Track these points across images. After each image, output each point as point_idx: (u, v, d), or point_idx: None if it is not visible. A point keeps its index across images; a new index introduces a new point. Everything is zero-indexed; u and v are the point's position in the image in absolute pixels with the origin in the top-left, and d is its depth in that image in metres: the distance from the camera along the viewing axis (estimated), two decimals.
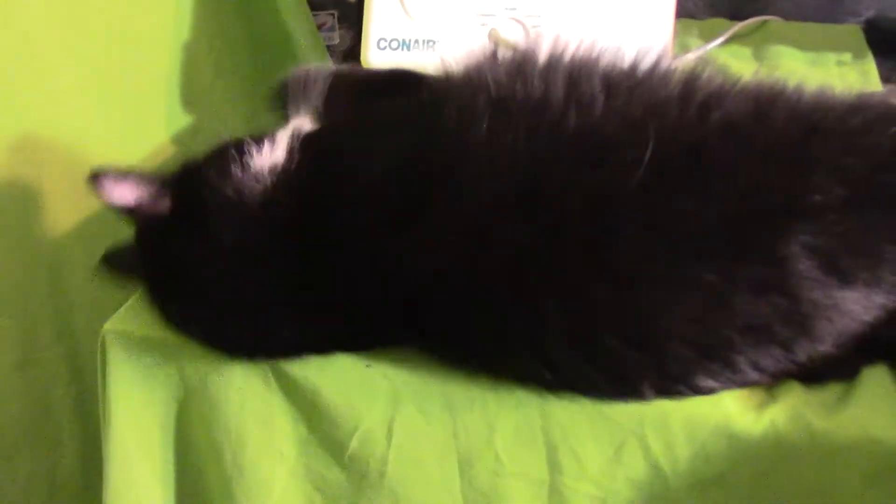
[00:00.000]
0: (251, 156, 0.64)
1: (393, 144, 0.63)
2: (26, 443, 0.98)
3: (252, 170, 0.64)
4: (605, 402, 0.59)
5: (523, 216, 0.57)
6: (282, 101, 0.76)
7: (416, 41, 0.99)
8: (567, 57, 0.64)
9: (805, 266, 0.54)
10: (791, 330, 0.55)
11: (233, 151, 0.65)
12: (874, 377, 0.58)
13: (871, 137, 0.58)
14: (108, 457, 0.70)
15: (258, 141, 0.65)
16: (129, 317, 0.69)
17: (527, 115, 0.60)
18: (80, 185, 0.98)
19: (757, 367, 0.56)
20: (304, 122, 0.70)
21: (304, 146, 0.66)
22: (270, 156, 0.65)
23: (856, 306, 0.55)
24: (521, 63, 0.64)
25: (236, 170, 0.64)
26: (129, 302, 0.71)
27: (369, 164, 0.63)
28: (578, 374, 0.58)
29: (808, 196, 0.55)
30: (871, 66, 1.04)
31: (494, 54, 0.67)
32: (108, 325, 0.68)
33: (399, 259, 0.59)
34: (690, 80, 0.62)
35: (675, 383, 0.57)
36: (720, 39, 1.11)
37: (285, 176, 0.64)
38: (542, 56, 0.64)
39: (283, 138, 0.66)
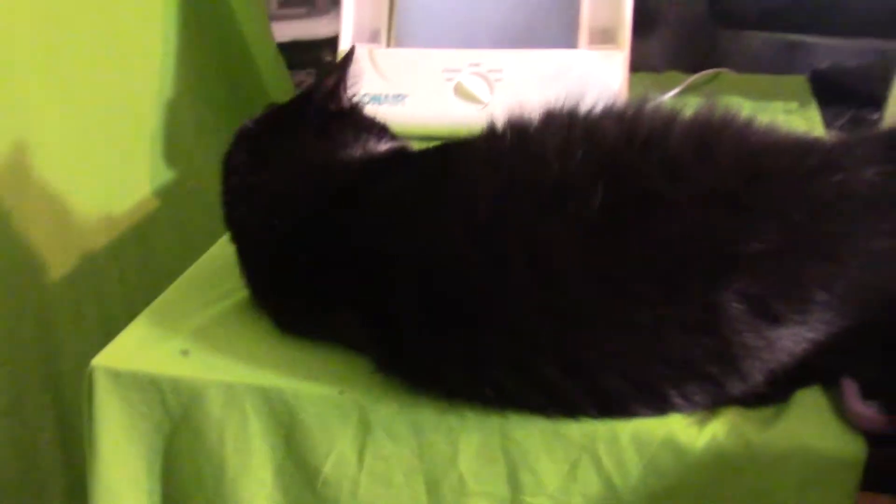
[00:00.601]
0: None
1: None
2: (13, 489, 0.99)
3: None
4: (559, 421, 0.63)
5: (482, 248, 0.61)
6: None
7: (387, 96, 1.05)
8: (529, 115, 0.68)
9: (737, 311, 0.57)
10: (721, 369, 0.59)
11: None
12: (806, 393, 0.62)
13: (813, 186, 0.61)
14: (94, 492, 0.73)
15: None
16: (116, 353, 0.73)
17: (498, 168, 0.65)
18: (66, 233, 1.03)
19: (689, 400, 0.60)
20: None
21: None
22: None
23: (786, 343, 0.58)
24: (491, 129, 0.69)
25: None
26: (116, 338, 0.75)
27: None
28: (524, 398, 0.62)
29: (745, 242, 0.58)
30: (815, 113, 1.11)
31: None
32: (95, 361, 0.72)
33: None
34: (635, 117, 0.65)
35: (612, 411, 0.62)
36: (675, 91, 1.18)
37: None
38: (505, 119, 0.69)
39: None
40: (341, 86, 0.79)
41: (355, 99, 0.81)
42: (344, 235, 0.68)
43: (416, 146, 0.80)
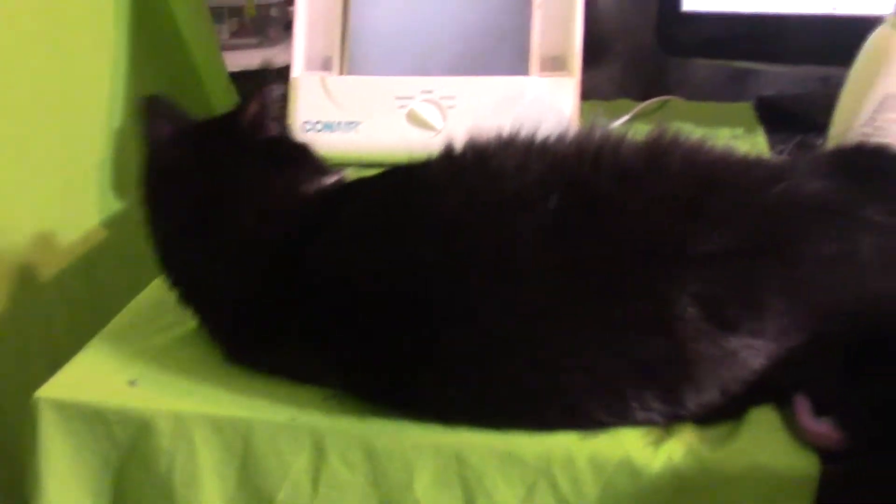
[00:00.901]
0: None
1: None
2: None
3: None
4: (515, 444, 0.62)
5: (449, 260, 0.63)
6: None
7: (339, 123, 1.05)
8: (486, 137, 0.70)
9: (690, 314, 0.58)
10: (674, 374, 0.60)
11: None
12: (760, 411, 0.63)
13: (760, 193, 0.63)
14: None
15: None
16: (61, 384, 0.71)
17: (459, 185, 0.67)
18: (9, 265, 1.00)
19: (645, 406, 0.61)
20: None
21: None
22: None
23: (741, 354, 0.59)
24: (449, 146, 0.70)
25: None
26: (62, 370, 0.73)
27: None
28: (486, 396, 0.62)
29: (695, 244, 0.59)
30: (761, 139, 1.13)
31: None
32: (39, 393, 0.70)
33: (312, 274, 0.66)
34: (588, 138, 0.67)
35: (573, 413, 0.62)
36: (625, 118, 1.20)
37: None
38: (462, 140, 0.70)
39: None
40: (265, 113, 0.74)
41: (283, 129, 0.78)
42: (310, 269, 0.67)
43: (367, 174, 0.79)
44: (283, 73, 1.46)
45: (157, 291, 0.84)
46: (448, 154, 0.69)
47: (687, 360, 0.59)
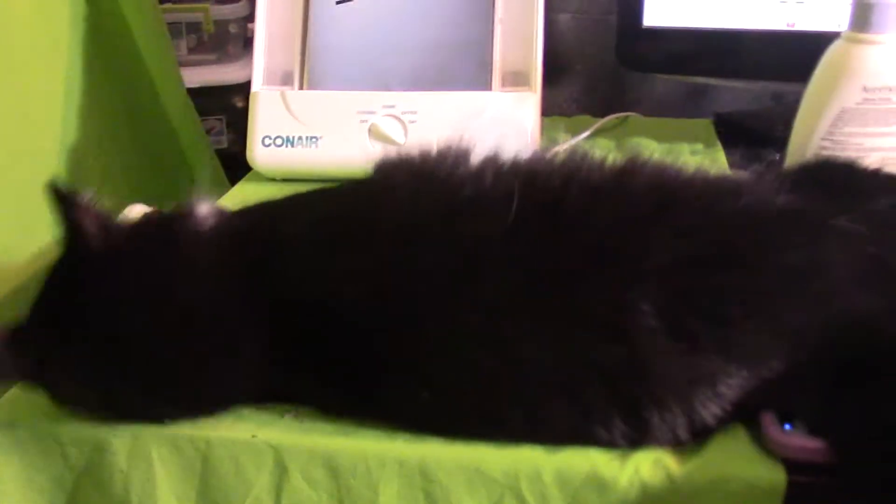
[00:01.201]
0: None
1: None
2: None
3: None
4: (482, 458, 0.62)
5: (419, 253, 0.63)
6: None
7: (300, 138, 1.04)
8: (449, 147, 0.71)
9: (648, 322, 0.58)
10: (636, 387, 0.59)
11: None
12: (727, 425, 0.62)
13: (721, 205, 0.64)
14: None
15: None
16: (11, 405, 0.69)
17: (432, 186, 0.68)
18: None
19: (605, 423, 0.60)
20: None
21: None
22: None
23: (706, 373, 0.59)
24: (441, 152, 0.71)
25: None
26: (11, 391, 0.70)
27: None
28: (452, 391, 0.62)
29: (655, 255, 0.59)
30: (720, 153, 1.15)
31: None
32: None
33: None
34: (563, 161, 0.69)
35: (535, 416, 0.61)
36: (586, 133, 1.20)
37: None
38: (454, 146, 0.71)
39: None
40: (91, 223, 0.67)
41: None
42: (260, 291, 0.66)
43: None
44: (242, 90, 1.45)
45: None
46: (405, 161, 0.70)
47: (648, 374, 0.59)
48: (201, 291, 0.67)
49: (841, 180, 0.73)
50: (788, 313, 0.60)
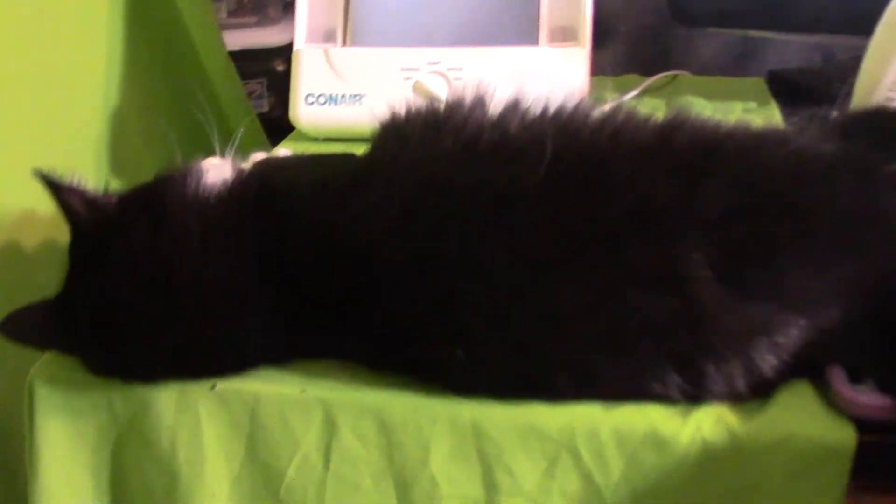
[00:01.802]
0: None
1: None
2: None
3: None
4: (536, 416, 0.60)
5: (441, 203, 0.61)
6: None
7: (343, 96, 1.02)
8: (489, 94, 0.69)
9: (700, 272, 0.56)
10: (690, 340, 0.57)
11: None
12: (792, 382, 0.60)
13: (769, 154, 0.61)
14: None
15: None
16: (58, 358, 0.68)
17: (451, 131, 0.66)
18: (5, 254, 0.97)
19: (659, 377, 0.58)
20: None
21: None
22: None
23: (764, 323, 0.57)
24: (450, 100, 0.70)
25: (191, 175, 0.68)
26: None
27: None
28: (492, 352, 0.60)
29: (705, 205, 0.57)
30: (775, 112, 1.10)
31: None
32: (34, 370, 0.67)
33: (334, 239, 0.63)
34: (605, 116, 0.66)
35: (583, 375, 0.59)
36: (634, 92, 1.17)
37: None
38: (469, 95, 0.70)
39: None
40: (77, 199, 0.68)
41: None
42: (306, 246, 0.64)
43: None
44: (282, 53, 1.44)
45: None
46: (416, 114, 0.69)
47: (701, 323, 0.57)
48: (215, 252, 0.65)
49: (893, 128, 0.70)
50: (843, 262, 0.57)
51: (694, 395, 0.59)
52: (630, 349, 0.58)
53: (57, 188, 0.68)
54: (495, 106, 0.68)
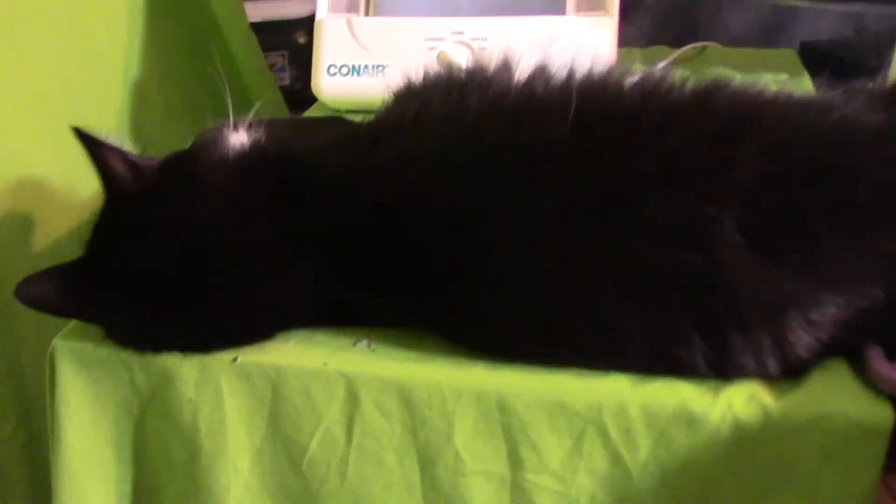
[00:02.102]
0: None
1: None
2: None
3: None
4: (563, 391, 0.59)
5: (469, 156, 0.61)
6: None
7: (366, 66, 1.01)
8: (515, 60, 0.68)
9: (731, 237, 0.54)
10: (716, 304, 0.55)
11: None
12: (827, 360, 0.58)
13: (811, 122, 0.59)
14: (59, 484, 0.68)
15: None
16: (80, 331, 0.67)
17: (475, 91, 0.65)
18: (27, 222, 0.97)
19: (685, 342, 0.56)
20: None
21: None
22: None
23: (796, 297, 0.55)
24: (474, 65, 0.69)
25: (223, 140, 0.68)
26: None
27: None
28: (519, 305, 0.59)
29: (738, 168, 0.56)
30: (807, 83, 1.08)
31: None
32: (57, 340, 0.67)
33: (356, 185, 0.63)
34: (638, 78, 0.64)
35: (608, 331, 0.58)
36: (663, 63, 1.14)
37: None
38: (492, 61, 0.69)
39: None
40: (119, 164, 0.67)
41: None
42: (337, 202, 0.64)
43: None
44: (304, 25, 1.43)
45: None
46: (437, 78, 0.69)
47: (729, 290, 0.55)
48: (241, 217, 0.65)
49: None
50: (884, 235, 0.55)
51: (721, 367, 0.57)
52: (654, 307, 0.56)
53: (97, 145, 0.66)
54: (522, 71, 0.67)
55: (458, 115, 0.64)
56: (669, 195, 0.56)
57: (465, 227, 0.59)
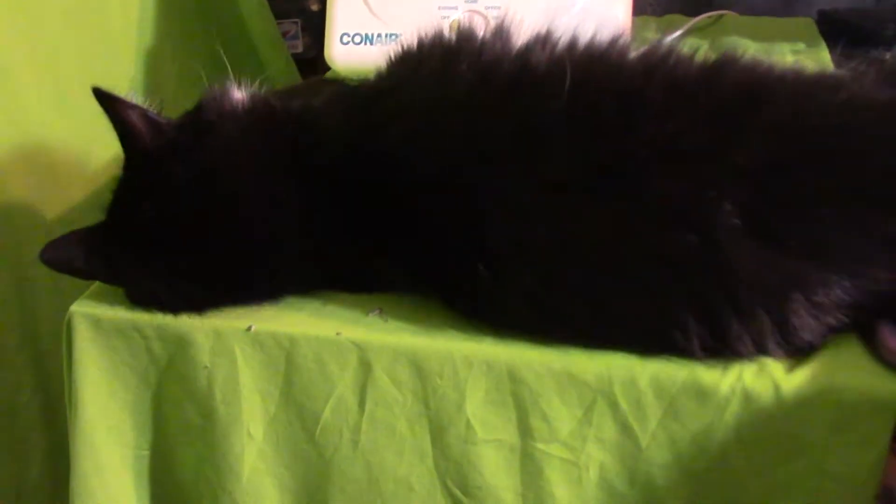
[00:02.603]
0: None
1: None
2: None
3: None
4: (573, 362, 0.59)
5: (460, 122, 0.61)
6: None
7: (379, 35, 1.00)
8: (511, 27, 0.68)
9: (730, 220, 0.54)
10: (712, 288, 0.55)
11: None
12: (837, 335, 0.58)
13: (817, 102, 0.58)
14: (77, 450, 0.69)
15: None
16: (96, 298, 0.68)
17: (474, 56, 0.65)
18: (43, 189, 0.98)
19: (681, 325, 0.56)
20: None
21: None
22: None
23: (797, 280, 0.54)
24: (469, 31, 0.69)
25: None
26: (96, 283, 0.70)
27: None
28: (513, 273, 0.58)
29: (741, 149, 0.55)
30: (824, 53, 1.06)
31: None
32: (74, 307, 0.67)
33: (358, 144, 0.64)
34: (643, 51, 0.64)
35: (602, 308, 0.58)
36: (679, 32, 1.13)
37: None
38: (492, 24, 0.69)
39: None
40: (139, 121, 0.67)
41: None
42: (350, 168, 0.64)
43: None
44: None
45: None
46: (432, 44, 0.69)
47: (727, 273, 0.54)
48: (254, 168, 0.66)
49: None
50: (891, 219, 0.55)
51: (717, 351, 0.57)
52: (648, 287, 0.56)
53: (115, 101, 0.66)
54: (518, 39, 0.67)
55: (449, 80, 0.64)
56: (669, 175, 0.56)
57: (457, 190, 0.59)
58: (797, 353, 0.57)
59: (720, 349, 0.57)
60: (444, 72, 0.65)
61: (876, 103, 0.59)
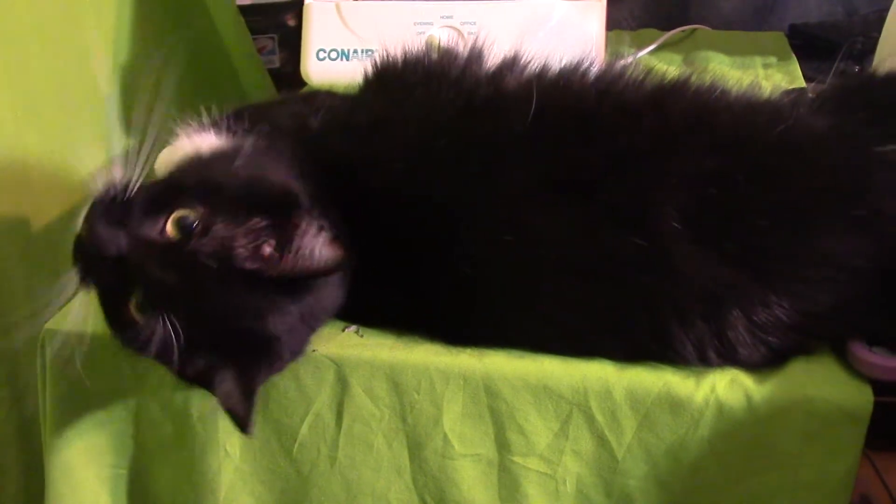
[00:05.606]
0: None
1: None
2: None
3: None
4: (549, 375, 0.60)
5: (444, 146, 0.62)
6: None
7: (355, 51, 1.01)
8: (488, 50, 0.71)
9: (672, 225, 0.56)
10: (655, 289, 0.56)
11: None
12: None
13: (758, 132, 0.60)
14: (52, 469, 0.68)
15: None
16: (69, 316, 0.67)
17: (446, 83, 0.68)
18: (18, 205, 0.97)
19: (624, 323, 0.58)
20: None
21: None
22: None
23: (731, 289, 0.56)
24: (448, 52, 0.72)
25: None
26: (70, 301, 0.69)
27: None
28: (485, 279, 0.59)
29: (683, 162, 0.57)
30: (795, 66, 1.08)
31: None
32: (48, 325, 0.67)
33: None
34: (599, 75, 0.67)
35: (559, 300, 0.59)
36: (652, 47, 1.15)
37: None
38: (465, 50, 0.72)
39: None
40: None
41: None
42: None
43: None
44: (293, 7, 1.42)
45: None
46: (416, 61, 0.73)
47: (668, 276, 0.56)
48: None
49: (887, 100, 0.67)
50: (824, 235, 0.57)
51: (664, 354, 0.58)
52: (600, 284, 0.58)
53: None
54: (493, 60, 0.70)
55: (436, 109, 0.66)
56: (618, 182, 0.58)
57: (439, 211, 0.60)
58: (765, 364, 0.58)
59: (667, 353, 0.58)
60: (432, 99, 0.68)
61: (811, 132, 0.61)
